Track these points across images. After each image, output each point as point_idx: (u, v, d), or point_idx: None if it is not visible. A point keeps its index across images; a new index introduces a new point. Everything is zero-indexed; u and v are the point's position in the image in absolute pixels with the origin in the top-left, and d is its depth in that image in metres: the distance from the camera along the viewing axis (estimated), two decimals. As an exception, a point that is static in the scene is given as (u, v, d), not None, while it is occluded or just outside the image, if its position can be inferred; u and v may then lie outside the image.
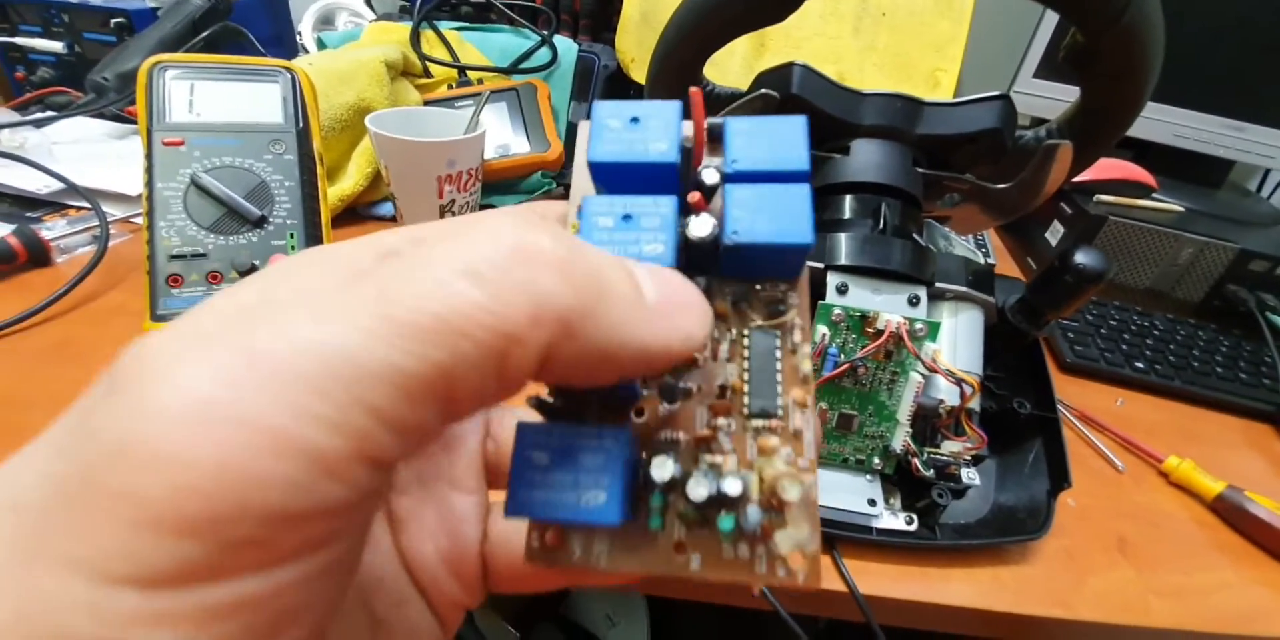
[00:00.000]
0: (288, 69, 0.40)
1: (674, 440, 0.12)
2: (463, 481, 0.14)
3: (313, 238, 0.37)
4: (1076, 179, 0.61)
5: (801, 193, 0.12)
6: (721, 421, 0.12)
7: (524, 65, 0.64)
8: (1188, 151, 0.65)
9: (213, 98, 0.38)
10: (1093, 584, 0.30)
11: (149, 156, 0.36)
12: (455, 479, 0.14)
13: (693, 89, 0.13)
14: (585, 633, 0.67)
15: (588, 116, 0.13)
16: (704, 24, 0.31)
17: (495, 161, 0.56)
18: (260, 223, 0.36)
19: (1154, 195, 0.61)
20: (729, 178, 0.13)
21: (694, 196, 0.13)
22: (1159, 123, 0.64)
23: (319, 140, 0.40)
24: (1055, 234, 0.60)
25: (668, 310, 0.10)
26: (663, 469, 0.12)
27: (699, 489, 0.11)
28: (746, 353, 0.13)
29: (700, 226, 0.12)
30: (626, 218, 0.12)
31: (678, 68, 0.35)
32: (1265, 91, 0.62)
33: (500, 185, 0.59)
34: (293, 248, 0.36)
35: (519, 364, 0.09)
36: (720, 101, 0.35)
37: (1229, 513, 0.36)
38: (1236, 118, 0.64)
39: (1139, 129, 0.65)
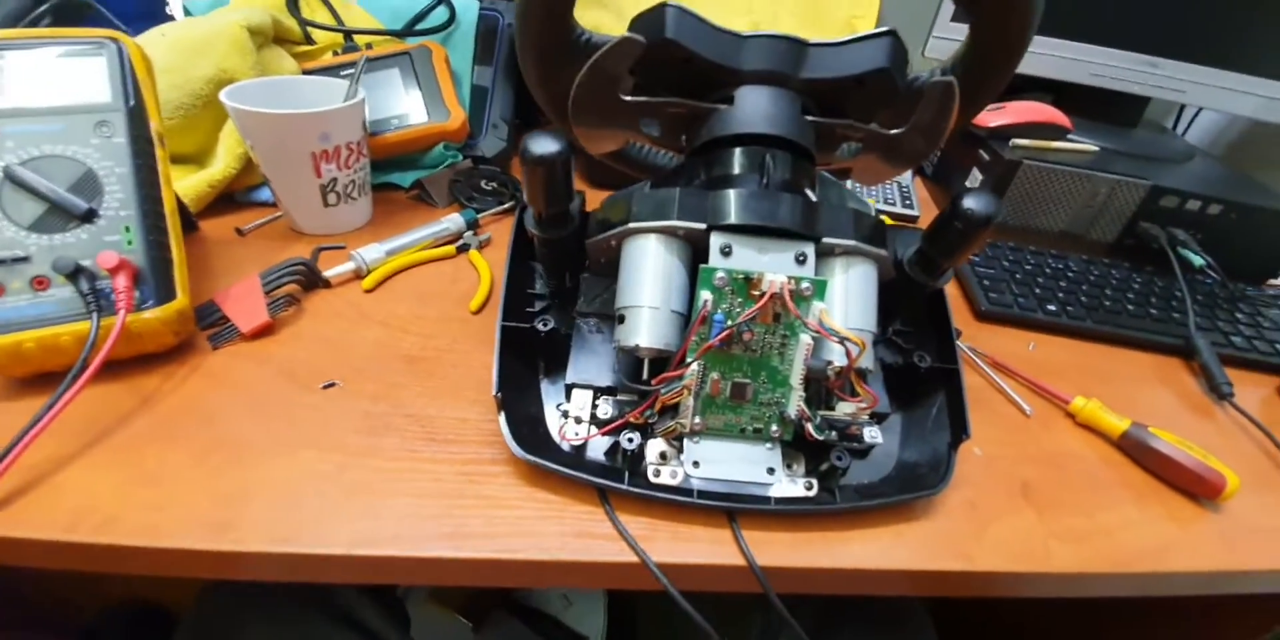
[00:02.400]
0: (113, 39, 0.36)
1: None
2: None
3: (154, 230, 0.33)
4: (993, 124, 0.60)
5: None
6: None
7: (419, 26, 0.59)
8: (1104, 90, 0.64)
9: (25, 77, 0.34)
10: (994, 533, 0.30)
11: (-48, 148, 0.32)
12: None
13: None
14: (541, 614, 0.67)
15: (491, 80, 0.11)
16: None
17: (389, 134, 0.52)
18: (89, 217, 0.32)
19: (1070, 137, 0.60)
20: None
21: None
22: (1074, 62, 0.63)
23: (157, 120, 0.36)
24: (974, 181, 0.60)
25: None
26: None
27: None
28: None
29: None
30: None
31: (543, 17, 0.31)
32: (1177, 25, 0.62)
33: (399, 161, 0.55)
34: (129, 243, 0.33)
35: None
36: (592, 49, 0.32)
37: (1134, 450, 0.37)
38: (1150, 53, 0.63)
39: (1054, 69, 0.64)
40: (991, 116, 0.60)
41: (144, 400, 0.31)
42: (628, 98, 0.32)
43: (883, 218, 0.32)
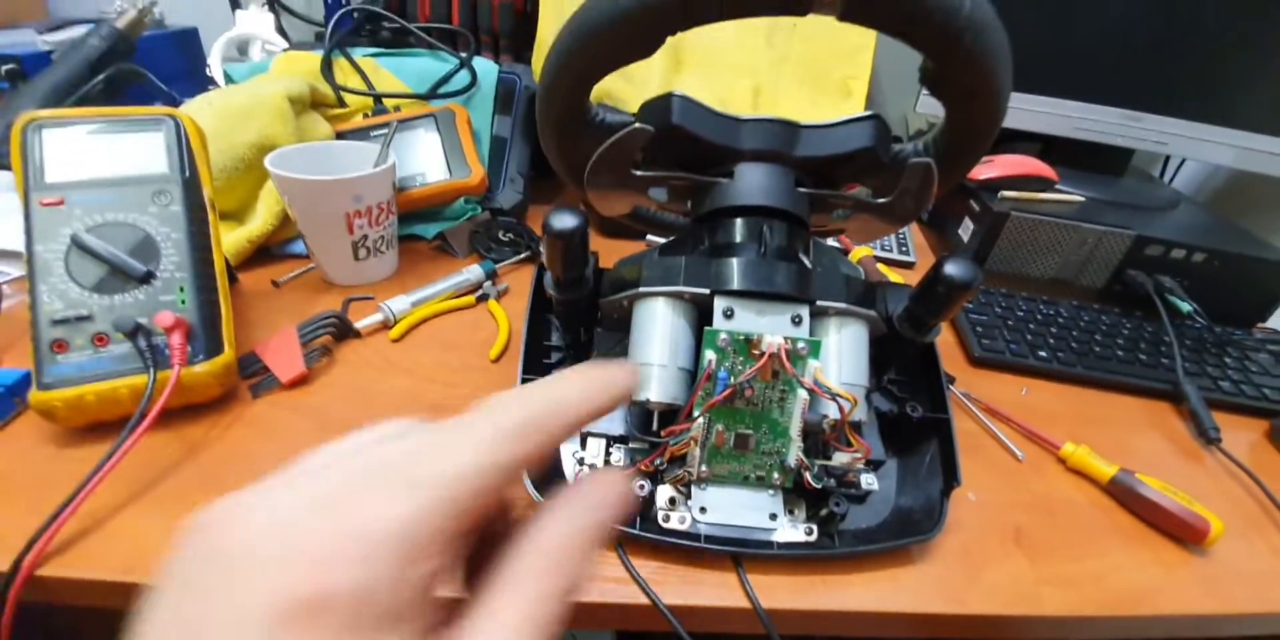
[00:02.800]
0: (171, 116, 0.40)
1: None
2: None
3: (205, 289, 0.36)
4: (983, 177, 0.64)
5: None
6: None
7: (443, 89, 0.64)
8: (1089, 143, 0.68)
9: (93, 152, 0.38)
10: (987, 578, 0.32)
11: (27, 218, 0.35)
12: None
13: None
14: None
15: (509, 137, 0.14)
16: (576, 59, 0.32)
17: (415, 190, 0.56)
18: (146, 279, 0.35)
19: (1056, 187, 0.63)
20: None
21: None
22: (1059, 117, 0.67)
23: (209, 187, 0.39)
24: (966, 230, 0.63)
25: None
26: None
27: None
28: None
29: None
30: None
31: (562, 99, 0.35)
32: (1156, 83, 0.66)
33: (423, 213, 0.59)
34: (183, 302, 0.36)
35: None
36: (609, 130, 0.36)
37: (1122, 495, 0.38)
38: (1132, 108, 0.67)
39: (1040, 124, 0.68)
40: (981, 170, 0.63)
41: (190, 449, 0.34)
42: (638, 173, 0.35)
43: (882, 269, 0.35)
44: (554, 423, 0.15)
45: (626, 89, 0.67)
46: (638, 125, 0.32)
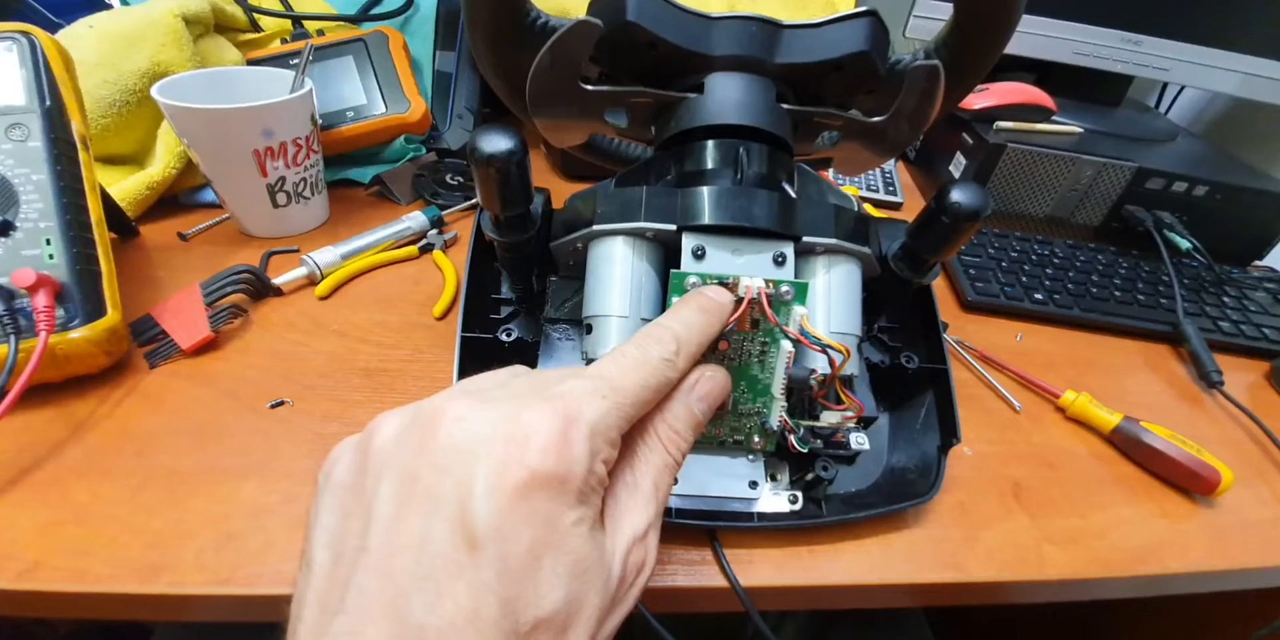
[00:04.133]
0: (24, 33, 0.32)
1: None
2: None
3: (79, 241, 0.31)
4: (977, 106, 0.58)
5: None
6: None
7: (374, 11, 0.56)
8: (1086, 70, 0.62)
9: (-75, 74, 0.31)
10: (985, 539, 0.29)
11: None
12: None
13: None
14: None
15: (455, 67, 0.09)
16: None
17: (345, 128, 0.49)
18: (3, 230, 0.29)
19: (1054, 118, 0.59)
20: None
21: None
22: (1056, 40, 0.62)
23: (79, 120, 0.33)
24: (958, 166, 0.58)
25: None
26: None
27: None
28: None
29: None
30: None
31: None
32: (1159, 2, 0.60)
33: (357, 155, 0.52)
34: (50, 257, 0.30)
35: None
36: (551, 34, 0.30)
37: (1125, 445, 0.36)
38: (1132, 30, 0.62)
39: (1037, 48, 0.63)
40: (975, 99, 0.58)
41: (75, 428, 0.29)
42: (589, 88, 0.30)
43: (867, 210, 0.30)
44: (696, 350, 0.20)
45: (575, 4, 0.59)
46: (585, 18, 0.26)
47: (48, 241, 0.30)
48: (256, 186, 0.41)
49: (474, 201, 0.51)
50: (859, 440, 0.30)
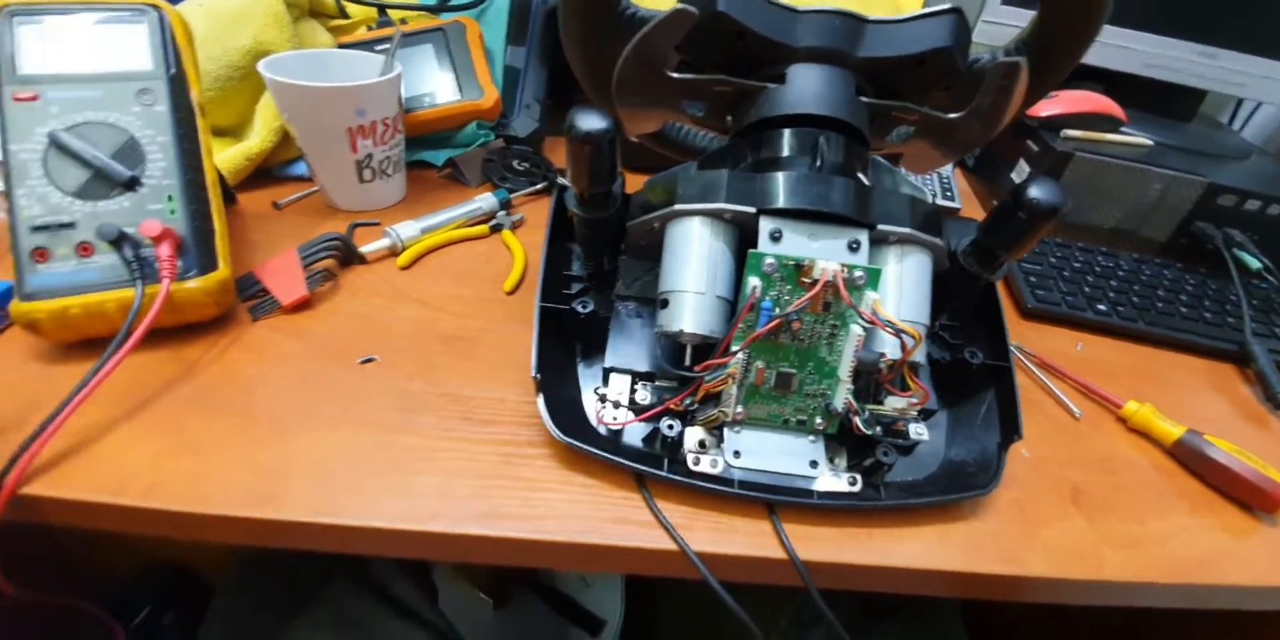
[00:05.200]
0: (153, 6, 0.35)
1: None
2: None
3: (196, 200, 0.33)
4: (1044, 114, 0.58)
5: None
6: None
7: (453, 2, 0.58)
8: (1158, 82, 0.61)
9: (70, 44, 0.33)
10: (1044, 537, 0.29)
11: (0, 115, 0.32)
12: None
13: None
14: (560, 595, 0.67)
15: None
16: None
17: (422, 112, 0.51)
18: (132, 184, 0.32)
19: (1123, 129, 0.58)
20: None
21: None
22: (1128, 51, 0.61)
23: (197, 89, 0.35)
24: (1021, 173, 0.57)
25: None
26: None
27: None
28: None
29: None
30: None
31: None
32: (1238, 15, 0.59)
33: (431, 138, 0.54)
34: (172, 212, 0.32)
35: None
36: (639, 24, 0.31)
37: (1188, 457, 0.35)
38: (1209, 43, 0.60)
39: (1108, 59, 0.62)
40: (1043, 106, 0.57)
41: (186, 369, 0.31)
42: (675, 75, 0.31)
43: (940, 206, 0.31)
44: None
45: None
46: (680, 6, 0.27)
47: (169, 198, 0.33)
48: (346, 161, 0.43)
49: (539, 186, 0.52)
50: (918, 431, 0.30)
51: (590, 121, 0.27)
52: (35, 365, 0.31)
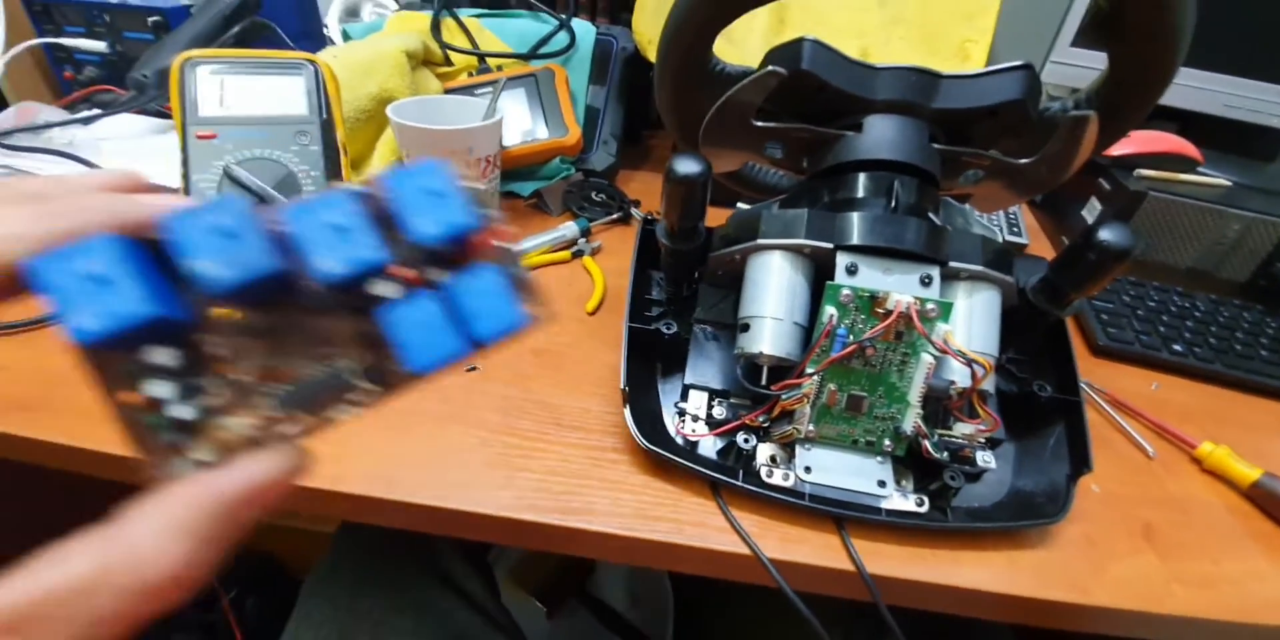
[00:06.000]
0: (311, 61, 0.41)
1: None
2: None
3: (335, 225, 0.38)
4: (1116, 153, 0.58)
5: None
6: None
7: (542, 50, 0.64)
8: (1237, 122, 0.61)
9: (241, 91, 0.40)
10: (1113, 570, 0.30)
11: (184, 149, 0.38)
12: None
13: None
14: (610, 609, 0.69)
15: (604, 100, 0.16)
16: (706, 4, 0.31)
17: (515, 148, 0.57)
18: (286, 211, 0.38)
19: (1199, 169, 0.57)
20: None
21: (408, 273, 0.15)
22: (1206, 92, 0.61)
23: (342, 131, 0.41)
24: (1092, 211, 0.58)
25: None
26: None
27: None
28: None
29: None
30: None
31: (687, 45, 0.34)
32: (1327, 56, 0.58)
33: (520, 171, 0.59)
34: (316, 235, 0.38)
35: None
36: (729, 80, 0.35)
37: (1265, 500, 0.35)
38: (1294, 85, 0.60)
39: (1185, 99, 0.62)
40: (1117, 145, 0.58)
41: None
42: (759, 124, 0.34)
43: (1010, 245, 0.32)
44: None
45: (726, 49, 0.65)
46: (771, 68, 0.31)
47: (314, 224, 0.38)
48: (452, 192, 0.48)
49: (615, 216, 0.57)
50: (985, 458, 0.31)
51: (688, 166, 0.30)
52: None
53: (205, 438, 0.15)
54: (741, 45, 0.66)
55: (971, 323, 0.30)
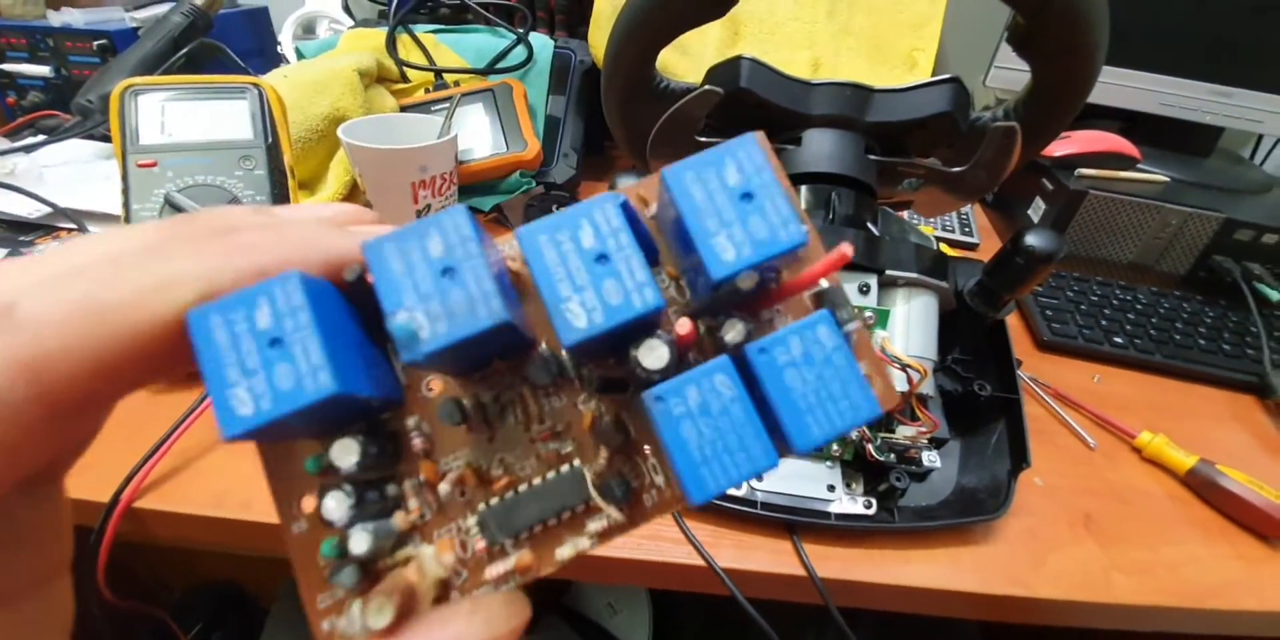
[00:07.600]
0: (255, 85, 0.41)
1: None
2: None
3: (285, 250, 0.38)
4: (1058, 153, 0.60)
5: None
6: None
7: (500, 65, 0.65)
8: (1175, 120, 0.63)
9: (183, 118, 0.39)
10: (1054, 562, 0.31)
11: (124, 178, 0.37)
12: None
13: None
14: (588, 621, 0.69)
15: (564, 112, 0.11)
16: (646, 22, 0.32)
17: (473, 163, 0.57)
18: (233, 238, 0.37)
19: (1139, 167, 0.60)
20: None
21: (685, 328, 0.10)
22: (1144, 91, 0.63)
23: (289, 153, 0.41)
24: (1037, 210, 0.60)
25: None
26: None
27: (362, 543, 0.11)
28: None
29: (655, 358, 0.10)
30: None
31: (629, 65, 0.35)
32: (1251, 55, 0.61)
33: (480, 186, 0.60)
34: (265, 261, 0.37)
35: None
36: (673, 96, 0.35)
37: (1201, 487, 0.37)
38: (1223, 83, 0.62)
39: (1122, 99, 0.64)
40: (1057, 146, 0.60)
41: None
42: (701, 138, 0.35)
43: (943, 250, 0.34)
44: None
45: (681, 61, 0.66)
46: (708, 87, 0.31)
47: (263, 250, 0.38)
48: (408, 211, 0.48)
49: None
50: (931, 458, 0.32)
51: (629, 184, 0.31)
52: (143, 393, 0.36)
53: (384, 583, 0.10)
54: (697, 57, 0.67)
55: (910, 328, 0.31)
